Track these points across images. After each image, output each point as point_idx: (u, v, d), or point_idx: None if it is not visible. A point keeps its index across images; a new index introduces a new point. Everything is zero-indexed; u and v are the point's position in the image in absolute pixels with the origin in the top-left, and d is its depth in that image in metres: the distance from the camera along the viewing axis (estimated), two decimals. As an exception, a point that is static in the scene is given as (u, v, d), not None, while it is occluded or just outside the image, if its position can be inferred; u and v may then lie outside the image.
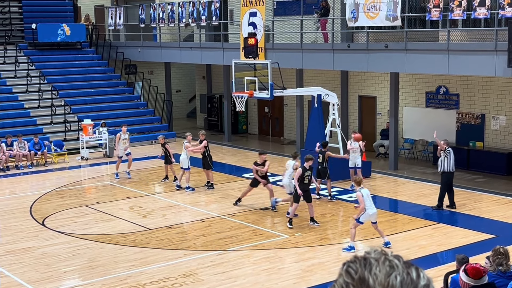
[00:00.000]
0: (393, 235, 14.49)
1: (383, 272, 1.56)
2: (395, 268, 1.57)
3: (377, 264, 1.58)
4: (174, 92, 32.97)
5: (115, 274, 12.28)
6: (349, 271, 1.60)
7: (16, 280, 12.10)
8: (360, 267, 1.59)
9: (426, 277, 1.61)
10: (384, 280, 1.55)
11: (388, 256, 1.61)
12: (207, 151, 18.99)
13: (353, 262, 1.61)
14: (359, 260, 1.61)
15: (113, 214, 16.61)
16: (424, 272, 1.61)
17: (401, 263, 1.60)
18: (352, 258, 1.63)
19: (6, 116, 25.85)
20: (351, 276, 1.58)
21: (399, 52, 19.45)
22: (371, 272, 1.57)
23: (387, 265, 1.58)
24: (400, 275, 1.56)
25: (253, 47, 21.80)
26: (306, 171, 15.06)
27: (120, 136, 20.88)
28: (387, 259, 1.60)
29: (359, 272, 1.58)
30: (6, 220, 16.29)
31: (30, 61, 28.94)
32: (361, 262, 1.60)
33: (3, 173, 22.04)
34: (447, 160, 16.21)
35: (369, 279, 1.56)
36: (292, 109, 26.64)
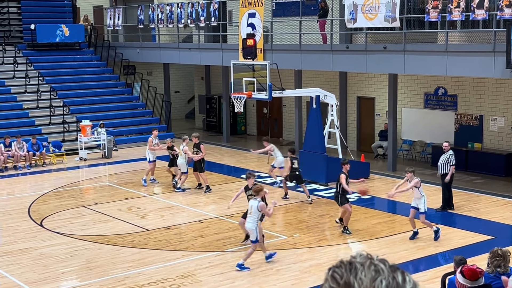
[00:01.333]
0: (392, 236, 14.49)
1: (369, 276, 1.56)
2: (380, 273, 1.57)
3: (362, 269, 1.57)
4: (173, 93, 32.96)
5: (113, 275, 12.27)
6: (334, 276, 1.59)
7: (14, 281, 12.08)
8: (345, 272, 1.58)
9: (412, 281, 1.60)
10: (370, 284, 1.55)
11: (373, 260, 1.60)
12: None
13: (339, 267, 1.61)
14: (345, 265, 1.60)
15: (111, 215, 16.60)
16: (410, 276, 1.61)
17: (387, 267, 1.59)
18: (337, 263, 1.63)
19: (4, 117, 25.83)
20: (336, 281, 1.58)
21: (398, 53, 19.46)
22: (356, 277, 1.56)
23: (373, 270, 1.57)
24: (385, 279, 1.56)
25: (251, 48, 21.80)
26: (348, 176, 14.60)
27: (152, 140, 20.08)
28: (372, 263, 1.59)
29: (345, 277, 1.57)
30: (4, 221, 16.28)
31: (28, 62, 28.93)
32: (346, 267, 1.59)
33: (2, 173, 22.02)
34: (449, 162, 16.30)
35: (355, 283, 1.55)
36: (291, 110, 26.64)
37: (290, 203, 17.62)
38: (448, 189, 16.63)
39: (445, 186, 16.62)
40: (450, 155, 16.33)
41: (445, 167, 16.37)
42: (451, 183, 16.54)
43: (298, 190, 18.34)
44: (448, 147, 16.41)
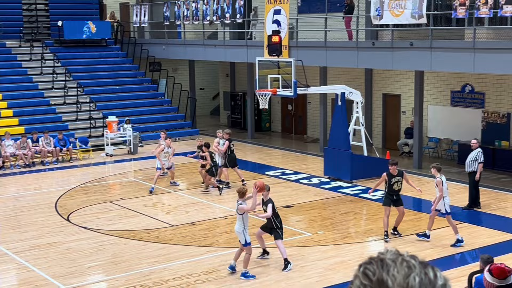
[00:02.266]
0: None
1: (402, 273, 1.56)
2: (413, 269, 1.56)
3: (394, 265, 1.57)
4: (198, 89, 33.08)
5: (138, 270, 12.37)
6: (366, 273, 1.58)
7: (41, 274, 12.24)
8: (377, 268, 1.57)
9: (443, 277, 1.60)
10: (403, 281, 1.54)
11: (404, 256, 1.60)
12: (228, 150, 19.00)
13: (370, 263, 1.60)
14: (376, 262, 1.59)
15: (137, 210, 16.73)
16: (440, 271, 1.60)
17: (418, 263, 1.59)
18: (367, 260, 1.62)
19: (32, 113, 26.13)
20: (368, 278, 1.57)
21: (424, 50, 19.31)
22: (389, 273, 1.56)
23: (405, 266, 1.57)
24: (418, 275, 1.56)
25: (277, 44, 21.78)
26: (394, 177, 14.21)
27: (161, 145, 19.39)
28: (404, 260, 1.59)
29: (377, 274, 1.57)
30: (31, 215, 16.48)
31: (56, 58, 29.23)
32: (378, 264, 1.59)
33: (29, 168, 22.30)
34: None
35: (388, 280, 1.55)
36: (316, 107, 26.58)
37: (314, 200, 17.59)
38: (475, 187, 16.48)
39: (472, 184, 16.47)
40: (478, 153, 16.20)
41: (473, 165, 16.24)
42: (478, 181, 16.39)
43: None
44: (476, 144, 16.28)
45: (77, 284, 11.81)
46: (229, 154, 19.02)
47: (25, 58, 28.89)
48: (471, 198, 16.52)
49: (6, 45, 29.37)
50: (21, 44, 29.67)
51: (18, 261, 13.01)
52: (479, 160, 16.18)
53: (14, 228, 15.36)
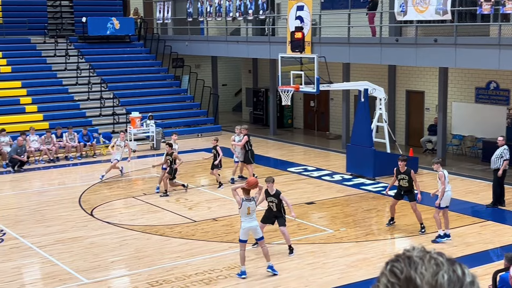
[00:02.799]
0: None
1: (430, 271, 1.54)
2: (441, 266, 1.55)
3: (422, 263, 1.56)
4: (220, 85, 33.13)
5: (161, 265, 12.44)
6: (393, 271, 1.57)
7: (65, 268, 12.36)
8: (405, 266, 1.56)
9: (471, 274, 1.58)
10: (432, 279, 1.53)
11: (432, 254, 1.59)
12: (248, 146, 19.00)
13: (397, 261, 1.59)
14: (403, 259, 1.58)
15: (159, 206, 16.82)
16: (468, 269, 1.59)
17: (446, 260, 1.57)
18: (394, 257, 1.61)
19: (56, 108, 26.38)
20: (396, 276, 1.56)
21: (449, 47, 19.14)
22: (417, 271, 1.55)
23: (433, 264, 1.55)
24: (446, 273, 1.54)
25: (299, 41, 21.73)
26: (400, 173, 14.28)
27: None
28: (431, 257, 1.57)
29: (405, 271, 1.55)
30: (55, 210, 16.65)
31: (80, 54, 29.46)
32: (405, 261, 1.57)
33: (53, 163, 22.52)
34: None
35: (416, 278, 1.54)
36: (338, 103, 26.50)
37: (336, 197, 17.55)
38: (500, 184, 16.32)
39: (496, 182, 16.31)
40: (504, 150, 16.05)
41: (498, 162, 16.10)
42: (503, 179, 16.24)
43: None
44: (502, 141, 16.15)
45: (100, 279, 11.91)
46: (249, 150, 19.01)
47: (50, 54, 29.15)
48: (495, 196, 16.36)
49: (31, 41, 29.67)
50: (45, 40, 29.94)
51: (42, 255, 13.15)
52: (504, 157, 16.02)
53: (39, 223, 15.53)
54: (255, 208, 11.88)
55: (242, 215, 11.79)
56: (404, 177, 14.29)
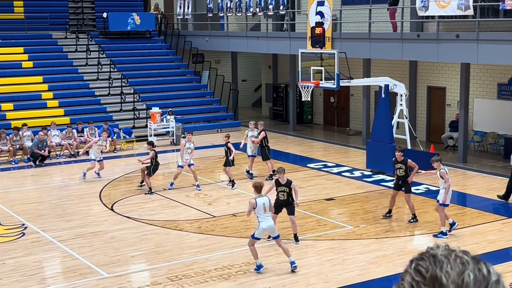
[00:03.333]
0: (461, 229, 14.20)
1: (456, 269, 1.52)
2: (466, 265, 1.53)
3: (447, 262, 1.54)
4: (240, 81, 33.14)
5: (180, 260, 12.48)
6: (419, 269, 1.55)
7: (86, 263, 12.45)
8: (430, 265, 1.54)
9: (496, 272, 1.56)
10: (458, 278, 1.51)
11: (457, 252, 1.57)
12: (265, 142, 19.00)
13: (422, 259, 1.57)
14: (428, 258, 1.56)
15: (179, 201, 16.87)
16: (492, 267, 1.57)
17: (471, 259, 1.55)
18: (419, 256, 1.59)
19: (77, 103, 26.56)
20: (421, 274, 1.54)
21: (471, 42, 18.95)
22: (442, 270, 1.53)
23: (459, 263, 1.53)
24: (472, 272, 1.52)
25: (320, 36, 21.65)
26: (397, 163, 14.75)
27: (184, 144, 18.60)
28: (457, 256, 1.55)
29: (430, 270, 1.54)
30: (76, 205, 16.77)
31: (101, 50, 29.61)
32: (430, 260, 1.55)
33: (74, 158, 22.68)
34: None
35: (442, 277, 1.52)
36: (359, 99, 26.37)
37: (356, 193, 17.48)
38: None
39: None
40: None
41: None
42: None
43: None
44: None
45: (120, 273, 11.97)
46: (266, 146, 19.01)
47: (71, 50, 29.35)
48: (507, 190, 16.34)
49: (53, 37, 29.89)
50: (67, 35, 30.14)
51: (63, 249, 13.26)
52: None
53: (60, 217, 15.65)
54: (269, 204, 11.88)
55: (260, 214, 11.69)
56: (401, 167, 14.73)
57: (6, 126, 23.39)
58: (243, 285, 11.23)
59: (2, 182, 19.94)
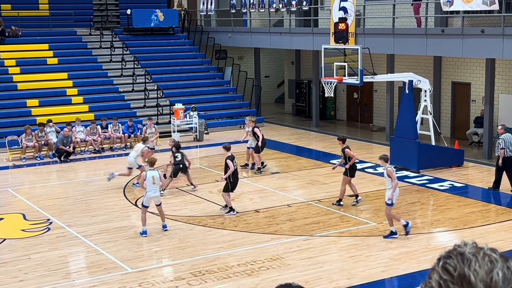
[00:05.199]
0: (486, 226, 14.07)
1: (484, 268, 1.50)
2: (495, 263, 1.51)
3: (475, 260, 1.52)
4: (263, 77, 33.13)
5: (204, 255, 12.54)
6: (446, 268, 1.53)
7: (110, 258, 12.55)
8: (458, 263, 1.52)
9: None
10: (486, 276, 1.49)
11: (485, 250, 1.54)
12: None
13: (449, 257, 1.55)
14: (456, 256, 1.54)
15: (202, 197, 16.93)
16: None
17: (499, 257, 1.53)
18: (446, 254, 1.57)
19: (102, 99, 26.76)
20: (449, 273, 1.52)
21: (496, 37, 18.74)
22: (470, 268, 1.50)
23: (487, 261, 1.51)
24: (501, 270, 1.50)
25: (343, 32, 21.56)
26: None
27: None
28: (485, 254, 1.53)
29: (458, 268, 1.52)
30: (100, 200, 16.91)
31: (125, 46, 29.79)
32: (458, 258, 1.53)
33: (99, 154, 22.87)
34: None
35: (470, 276, 1.50)
36: (382, 95, 26.23)
37: (380, 190, 17.40)
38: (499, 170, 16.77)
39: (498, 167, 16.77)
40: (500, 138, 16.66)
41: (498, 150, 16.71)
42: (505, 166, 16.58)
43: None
44: (501, 130, 16.74)
45: (144, 268, 12.06)
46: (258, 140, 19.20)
47: (95, 46, 29.56)
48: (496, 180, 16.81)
49: (77, 33, 30.14)
50: (91, 32, 30.37)
51: (87, 244, 13.39)
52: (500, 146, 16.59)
53: (84, 212, 15.80)
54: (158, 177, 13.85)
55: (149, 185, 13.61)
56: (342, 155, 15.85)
57: (31, 122, 23.65)
58: (265, 281, 11.24)
59: (28, 178, 20.17)
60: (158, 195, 13.93)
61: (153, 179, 13.68)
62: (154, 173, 13.79)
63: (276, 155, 21.56)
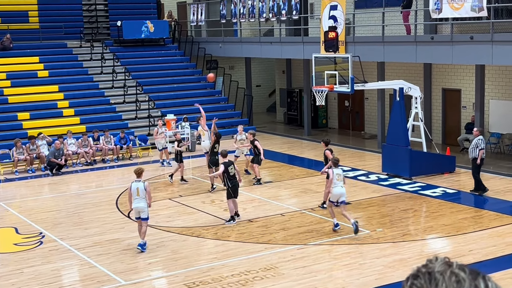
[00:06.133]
0: (479, 231, 14.10)
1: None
2: (462, 283, 1.49)
3: (443, 279, 1.50)
4: (254, 86, 33.17)
5: (197, 266, 12.50)
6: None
7: (103, 270, 12.50)
8: (425, 283, 1.52)
9: (495, 285, 1.53)
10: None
11: (454, 268, 1.53)
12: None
13: (417, 277, 1.54)
14: (423, 275, 1.53)
15: (195, 207, 16.90)
16: (492, 281, 1.53)
17: (468, 274, 1.52)
18: (415, 272, 1.56)
19: (93, 111, 26.71)
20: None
21: (485, 44, 18.86)
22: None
23: (454, 281, 1.50)
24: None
25: (333, 40, 21.63)
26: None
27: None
28: (453, 272, 1.52)
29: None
30: (93, 212, 16.85)
31: (115, 58, 29.78)
32: (425, 277, 1.52)
33: (90, 166, 22.81)
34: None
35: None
36: (373, 103, 26.31)
37: (372, 197, 17.43)
38: (478, 172, 17.18)
39: (475, 170, 17.14)
40: (478, 140, 16.97)
41: (475, 151, 16.98)
42: (480, 167, 17.10)
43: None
44: (477, 132, 17.15)
45: (138, 280, 12.01)
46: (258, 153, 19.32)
47: (86, 58, 29.54)
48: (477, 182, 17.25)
49: (67, 46, 30.11)
50: (81, 44, 30.35)
51: (80, 257, 13.33)
52: (479, 147, 16.93)
53: (77, 225, 15.74)
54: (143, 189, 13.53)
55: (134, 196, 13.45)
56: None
57: (22, 135, 23.57)
58: (260, 291, 11.21)
59: (20, 191, 20.10)
60: (141, 206, 13.46)
61: (138, 190, 13.45)
62: (139, 184, 13.53)
63: (269, 164, 21.55)
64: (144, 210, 13.52)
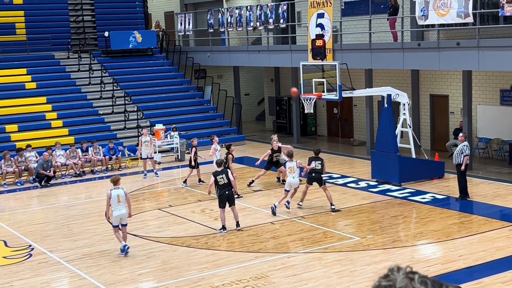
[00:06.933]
0: (469, 237, 14.14)
1: None
2: None
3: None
4: (243, 95, 33.21)
5: (188, 276, 12.46)
6: None
7: (93, 282, 12.43)
8: None
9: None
10: None
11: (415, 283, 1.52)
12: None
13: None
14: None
15: (185, 217, 16.86)
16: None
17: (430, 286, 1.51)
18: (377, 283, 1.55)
19: (81, 122, 26.64)
20: None
21: (472, 50, 18.98)
22: None
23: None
24: None
25: (321, 48, 21.70)
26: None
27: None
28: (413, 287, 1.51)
29: None
30: (82, 224, 16.77)
31: (103, 68, 29.74)
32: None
33: (79, 177, 22.72)
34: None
35: None
36: (362, 110, 26.39)
37: (362, 204, 17.46)
38: (464, 178, 17.18)
39: (460, 175, 17.16)
40: (464, 146, 17.03)
41: (459, 157, 16.99)
42: (465, 172, 17.11)
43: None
44: (462, 137, 17.19)
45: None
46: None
47: (74, 69, 29.48)
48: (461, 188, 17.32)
49: (55, 57, 30.04)
50: (69, 55, 30.30)
51: (70, 269, 13.25)
52: (464, 153, 16.98)
53: (66, 237, 15.65)
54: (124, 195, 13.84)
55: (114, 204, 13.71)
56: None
57: (10, 148, 23.46)
58: (251, 300, 11.18)
59: (8, 204, 19.97)
60: (124, 213, 13.79)
61: (118, 197, 13.67)
62: (119, 191, 13.76)
63: (258, 172, 21.52)
64: (126, 217, 13.86)
